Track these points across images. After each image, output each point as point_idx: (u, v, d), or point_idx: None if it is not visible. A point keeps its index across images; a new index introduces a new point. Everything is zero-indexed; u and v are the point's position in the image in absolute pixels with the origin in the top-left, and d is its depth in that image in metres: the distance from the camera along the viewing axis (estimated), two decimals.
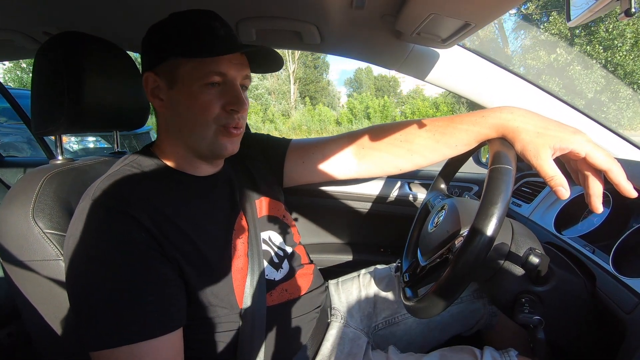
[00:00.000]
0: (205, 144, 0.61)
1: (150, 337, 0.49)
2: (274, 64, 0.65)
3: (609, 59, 12.75)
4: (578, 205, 0.77)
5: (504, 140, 0.60)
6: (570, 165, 0.57)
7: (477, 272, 0.50)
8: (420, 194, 1.24)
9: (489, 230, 0.47)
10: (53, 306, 0.62)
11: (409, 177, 1.28)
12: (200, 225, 0.59)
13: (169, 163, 0.63)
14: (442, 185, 0.86)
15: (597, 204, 0.53)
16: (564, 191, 0.52)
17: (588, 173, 0.53)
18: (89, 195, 0.54)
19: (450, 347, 0.71)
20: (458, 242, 0.60)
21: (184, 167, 0.64)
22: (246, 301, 0.61)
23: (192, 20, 0.59)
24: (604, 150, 0.52)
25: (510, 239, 0.60)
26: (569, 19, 0.43)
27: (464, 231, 0.60)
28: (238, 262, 0.62)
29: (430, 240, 0.67)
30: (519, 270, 0.58)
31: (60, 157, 0.75)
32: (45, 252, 0.59)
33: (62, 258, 0.60)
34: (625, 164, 0.54)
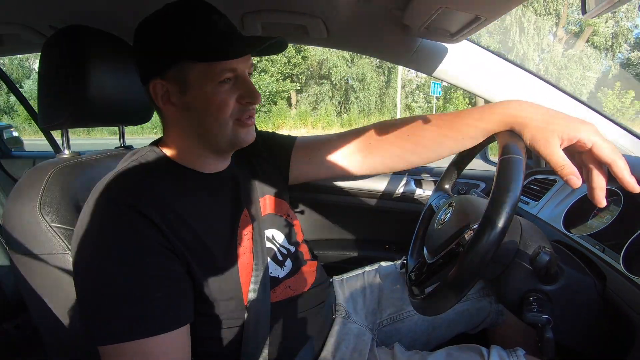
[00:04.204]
0: (225, 140, 0.61)
1: (159, 332, 0.49)
2: (275, 48, 0.64)
3: None
4: (587, 204, 0.76)
5: (513, 132, 0.59)
6: (574, 159, 0.57)
7: (486, 268, 0.49)
8: (426, 191, 1.23)
9: (503, 218, 0.46)
10: (60, 299, 0.62)
11: (414, 174, 1.27)
12: (208, 222, 0.59)
13: (177, 160, 0.63)
14: (447, 186, 0.85)
15: (600, 197, 0.52)
16: (576, 179, 0.51)
17: (592, 166, 0.53)
18: (99, 190, 0.54)
19: (457, 346, 0.71)
20: (468, 235, 0.59)
21: (193, 164, 0.64)
22: (251, 297, 0.61)
23: (190, 17, 0.56)
24: (611, 143, 0.52)
25: (518, 236, 0.59)
26: (584, 11, 0.41)
27: (474, 224, 0.59)
28: (244, 259, 0.62)
29: (437, 237, 0.66)
30: (527, 269, 0.57)
31: (66, 152, 0.75)
32: (52, 245, 0.60)
33: (68, 252, 0.60)
34: (630, 160, 0.53)
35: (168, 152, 0.63)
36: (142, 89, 0.79)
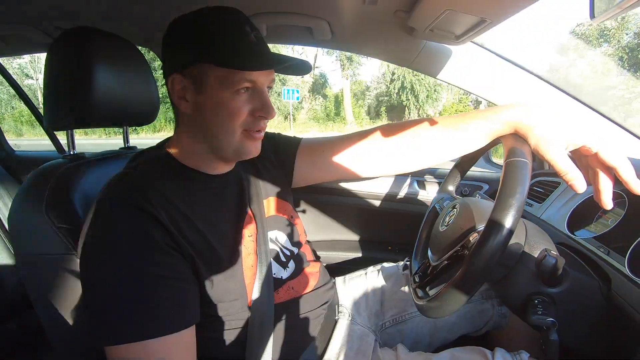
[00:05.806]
0: (230, 148, 0.61)
1: (165, 333, 0.49)
2: (298, 70, 0.65)
3: None
4: (592, 206, 0.76)
5: (518, 136, 0.59)
6: (580, 162, 0.57)
7: (491, 271, 0.49)
8: (430, 192, 1.23)
9: (508, 221, 0.46)
10: (66, 299, 0.63)
11: (418, 175, 1.27)
12: (213, 223, 0.59)
13: (184, 161, 0.63)
14: (451, 188, 0.85)
15: (607, 200, 0.53)
16: (580, 185, 0.52)
17: (598, 170, 0.53)
18: (107, 190, 0.54)
19: (461, 347, 0.70)
20: (473, 238, 0.59)
21: (199, 166, 0.64)
22: (255, 298, 0.61)
23: (223, 22, 0.57)
24: (616, 147, 0.52)
25: (523, 239, 0.59)
26: (592, 16, 0.41)
27: (480, 227, 0.59)
28: (248, 260, 0.62)
29: (441, 239, 0.66)
30: (531, 271, 0.57)
31: (71, 152, 0.76)
32: (58, 245, 0.60)
33: (74, 252, 0.60)
34: (635, 163, 0.53)
35: (175, 153, 0.63)
36: (146, 90, 0.80)
